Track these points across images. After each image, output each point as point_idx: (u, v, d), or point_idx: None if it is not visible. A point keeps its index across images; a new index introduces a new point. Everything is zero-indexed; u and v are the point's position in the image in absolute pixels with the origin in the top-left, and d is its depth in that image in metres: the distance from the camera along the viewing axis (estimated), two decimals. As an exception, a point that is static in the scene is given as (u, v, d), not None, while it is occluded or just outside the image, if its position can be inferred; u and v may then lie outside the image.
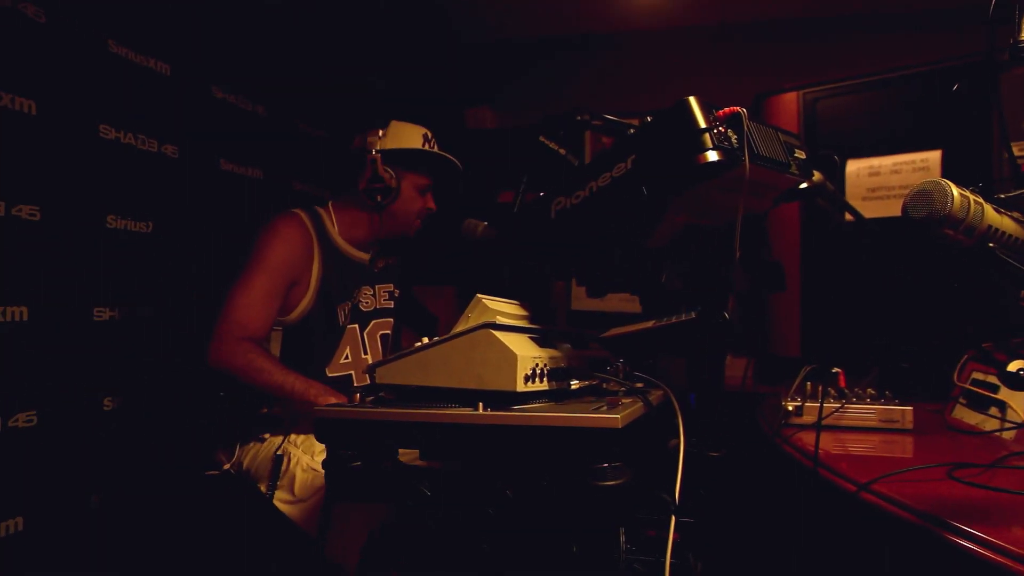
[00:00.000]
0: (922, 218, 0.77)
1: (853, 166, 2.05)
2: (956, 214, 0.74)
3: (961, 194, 0.75)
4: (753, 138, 0.99)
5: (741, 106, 0.98)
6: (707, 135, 0.94)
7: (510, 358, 0.96)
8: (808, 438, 1.26)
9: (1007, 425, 1.26)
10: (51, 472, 1.82)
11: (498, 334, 0.98)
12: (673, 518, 0.92)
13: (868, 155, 2.04)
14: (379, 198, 1.82)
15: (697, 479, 1.03)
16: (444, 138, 1.95)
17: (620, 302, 1.44)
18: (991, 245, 0.76)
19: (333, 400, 1.54)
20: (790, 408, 1.41)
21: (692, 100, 0.96)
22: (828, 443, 1.25)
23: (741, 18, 3.49)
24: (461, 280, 2.85)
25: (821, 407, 1.33)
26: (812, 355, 1.75)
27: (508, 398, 0.96)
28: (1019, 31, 1.13)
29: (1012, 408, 1.28)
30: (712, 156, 0.93)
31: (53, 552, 1.81)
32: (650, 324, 1.11)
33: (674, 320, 1.08)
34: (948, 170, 1.94)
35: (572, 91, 3.75)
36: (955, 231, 0.76)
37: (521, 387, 0.96)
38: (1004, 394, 1.31)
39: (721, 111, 0.97)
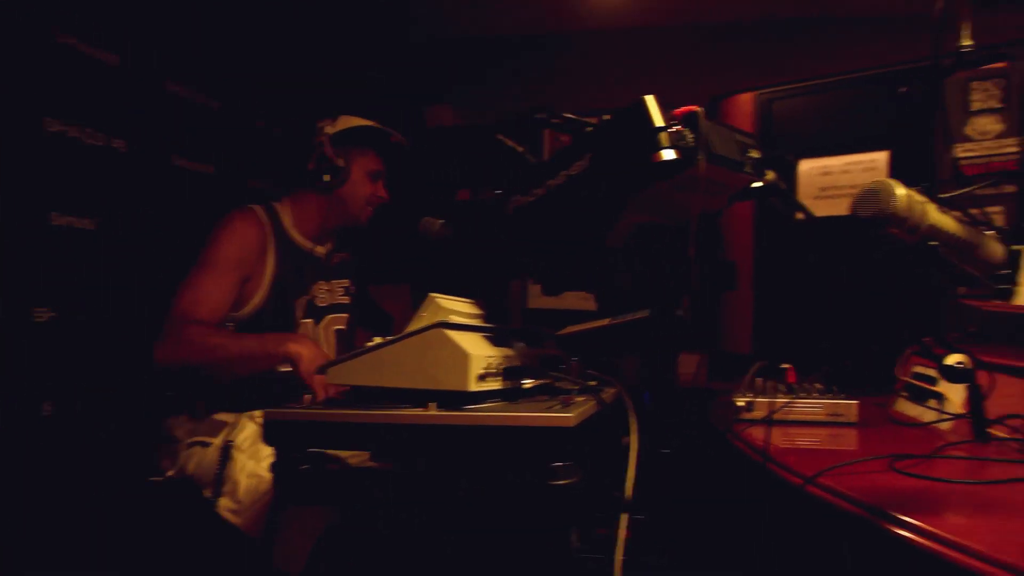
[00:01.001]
0: (869, 216, 0.78)
1: (805, 166, 2.09)
2: (900, 212, 0.76)
3: (906, 193, 0.77)
4: (709, 137, 1.00)
5: (698, 106, 0.98)
6: (664, 134, 0.94)
7: (462, 357, 0.95)
8: (759, 433, 1.27)
9: (944, 416, 1.30)
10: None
11: (451, 333, 0.97)
12: (625, 515, 0.92)
13: (821, 155, 2.08)
14: (327, 178, 1.82)
15: (651, 476, 1.03)
16: (403, 135, 1.93)
17: (576, 300, 1.44)
18: (933, 243, 0.78)
19: (291, 346, 1.54)
20: (741, 404, 1.43)
21: (649, 99, 0.97)
22: (777, 437, 1.27)
23: (699, 19, 3.54)
24: (418, 279, 2.82)
25: (776, 402, 1.35)
26: (764, 352, 1.78)
27: (461, 398, 0.95)
28: (962, 38, 1.17)
29: (949, 400, 1.32)
30: (668, 155, 0.94)
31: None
32: (605, 322, 1.12)
33: (628, 318, 1.08)
34: (895, 171, 1.99)
35: (531, 90, 3.73)
36: (900, 229, 0.77)
37: (474, 386, 0.95)
38: (942, 387, 1.35)
39: (678, 110, 0.98)
